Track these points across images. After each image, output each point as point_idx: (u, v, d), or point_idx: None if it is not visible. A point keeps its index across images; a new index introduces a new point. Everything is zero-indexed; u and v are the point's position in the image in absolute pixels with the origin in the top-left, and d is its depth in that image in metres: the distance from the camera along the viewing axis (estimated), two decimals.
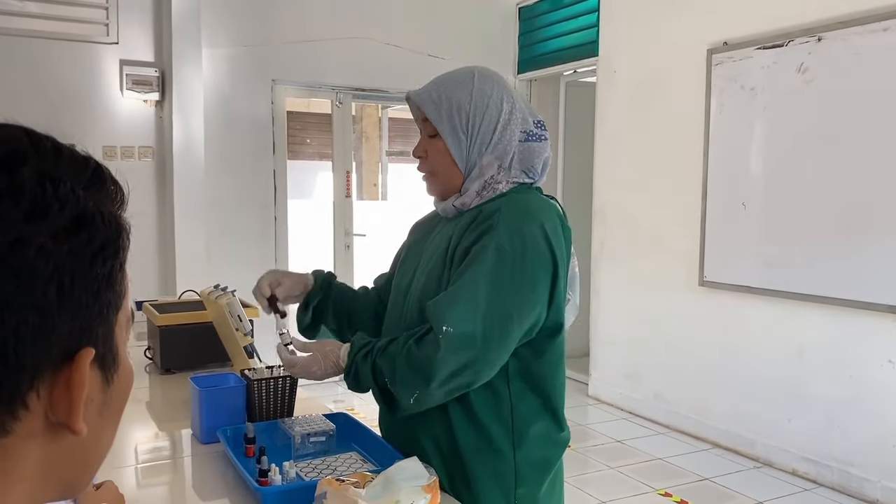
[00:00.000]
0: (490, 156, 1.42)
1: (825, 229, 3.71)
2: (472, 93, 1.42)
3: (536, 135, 1.45)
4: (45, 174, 0.44)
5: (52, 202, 0.43)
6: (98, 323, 0.47)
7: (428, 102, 1.44)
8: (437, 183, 1.49)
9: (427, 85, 1.48)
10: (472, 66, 1.50)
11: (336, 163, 5.55)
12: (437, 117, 1.43)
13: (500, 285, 1.32)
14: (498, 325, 1.32)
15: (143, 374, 2.31)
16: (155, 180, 4.79)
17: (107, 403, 0.50)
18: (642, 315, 4.90)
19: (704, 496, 3.67)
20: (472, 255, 1.35)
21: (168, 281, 4.71)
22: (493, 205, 1.41)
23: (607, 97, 5.15)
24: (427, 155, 1.48)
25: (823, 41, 3.69)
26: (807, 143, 3.79)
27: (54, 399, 0.45)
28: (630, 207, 4.98)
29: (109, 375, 0.49)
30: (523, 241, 1.34)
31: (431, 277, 1.44)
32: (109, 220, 0.47)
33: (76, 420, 0.45)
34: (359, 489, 1.21)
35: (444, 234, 1.48)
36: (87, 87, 4.58)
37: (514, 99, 1.45)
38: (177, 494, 1.56)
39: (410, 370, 1.33)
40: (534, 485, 1.44)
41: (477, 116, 1.41)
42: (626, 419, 4.86)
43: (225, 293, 2.03)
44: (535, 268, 1.35)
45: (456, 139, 1.42)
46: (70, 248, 0.43)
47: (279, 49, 5.11)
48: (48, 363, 0.44)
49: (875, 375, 3.56)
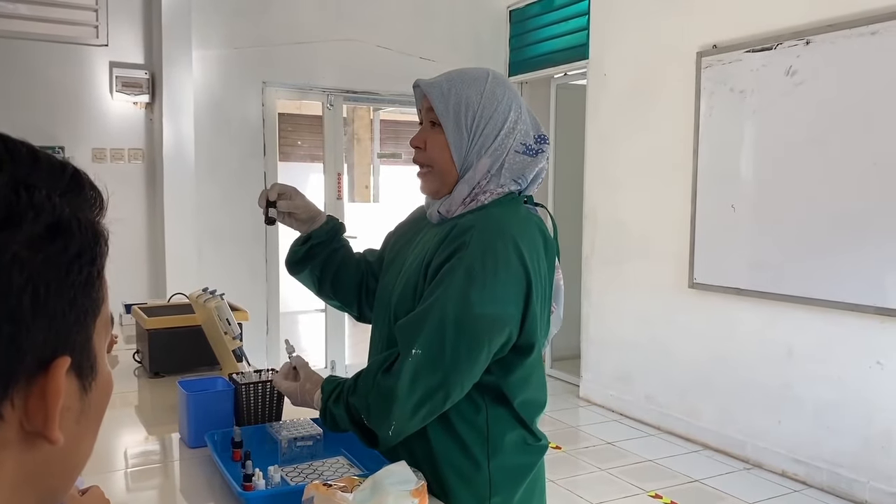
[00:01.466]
0: (486, 159, 1.40)
1: (814, 231, 3.73)
2: (483, 93, 1.40)
3: (533, 149, 1.42)
4: (20, 181, 0.43)
5: (27, 210, 0.43)
6: (75, 331, 0.46)
7: (436, 93, 1.41)
8: (431, 178, 1.46)
9: (439, 76, 1.45)
10: (488, 68, 1.49)
11: (327, 165, 5.55)
12: (444, 109, 1.40)
13: (468, 306, 1.29)
14: (465, 346, 1.29)
15: (131, 377, 2.30)
16: (145, 183, 4.77)
17: (84, 412, 0.49)
18: (633, 317, 4.91)
19: (695, 498, 3.68)
20: (442, 274, 1.33)
21: (158, 284, 4.70)
22: (467, 220, 1.37)
23: (598, 100, 5.17)
24: (426, 146, 1.45)
25: (812, 44, 3.71)
26: (796, 145, 3.80)
27: (29, 408, 0.44)
28: (620, 209, 4.99)
29: (87, 383, 0.49)
30: (495, 259, 1.30)
31: (408, 287, 1.43)
32: (86, 226, 0.46)
33: (52, 429, 0.45)
34: (346, 493, 1.21)
35: (424, 244, 1.46)
36: (76, 89, 4.56)
37: (521, 109, 1.43)
38: (166, 499, 1.55)
39: (382, 402, 1.32)
40: (509, 493, 1.42)
41: (483, 117, 1.39)
42: (616, 421, 4.87)
43: (214, 296, 2.02)
44: (507, 286, 1.31)
45: (458, 135, 1.40)
46: (45, 256, 0.43)
47: (270, 51, 5.11)
48: (22, 372, 0.43)
49: (864, 377, 3.58)
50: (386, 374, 1.33)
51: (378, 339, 1.55)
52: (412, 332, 1.32)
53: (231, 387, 1.72)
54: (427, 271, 1.38)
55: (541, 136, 1.44)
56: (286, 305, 5.49)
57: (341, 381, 1.44)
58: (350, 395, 1.38)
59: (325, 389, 1.44)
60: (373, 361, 1.40)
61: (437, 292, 1.32)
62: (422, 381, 1.30)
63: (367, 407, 1.35)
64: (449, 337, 1.29)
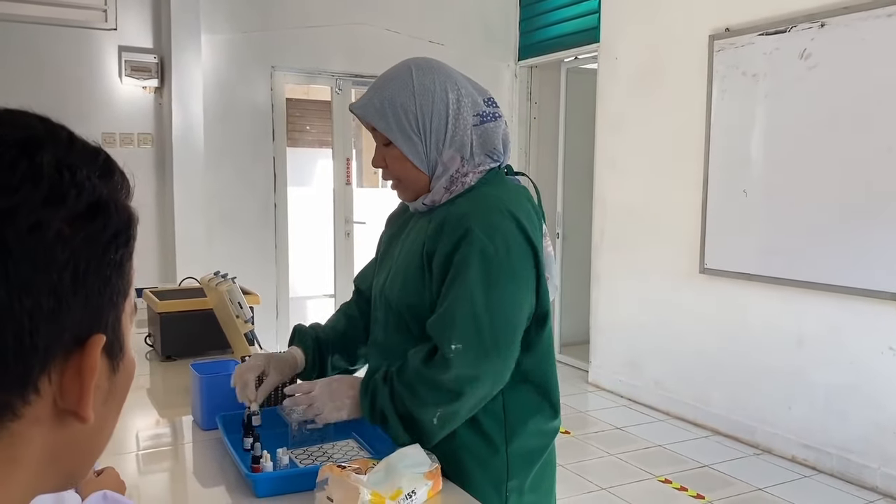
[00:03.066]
0: (450, 150, 1.37)
1: (826, 216, 3.70)
2: (414, 91, 1.36)
3: (490, 114, 1.40)
4: (62, 162, 0.45)
5: (70, 188, 0.44)
6: (108, 310, 0.47)
7: (372, 113, 1.38)
8: (405, 189, 1.45)
9: (367, 93, 1.42)
10: (408, 59, 1.44)
11: (336, 150, 5.53)
12: (386, 126, 1.37)
13: (493, 290, 1.30)
14: (502, 329, 1.31)
15: (143, 361, 2.31)
16: (154, 167, 4.77)
17: (112, 392, 0.50)
18: (643, 302, 4.90)
19: (704, 483, 3.68)
20: (457, 265, 1.32)
21: (168, 268, 4.71)
22: (460, 206, 1.37)
23: (608, 84, 5.13)
24: (386, 164, 1.43)
25: (826, 27, 3.66)
26: (809, 130, 3.77)
27: (64, 384, 0.45)
28: (631, 194, 4.97)
29: (116, 364, 0.50)
30: (504, 238, 1.31)
31: (410, 278, 1.41)
32: (121, 209, 0.48)
33: (86, 406, 0.46)
34: (360, 475, 1.21)
35: (417, 232, 1.45)
36: (85, 73, 4.55)
37: (458, 85, 1.39)
38: (178, 481, 1.56)
39: (431, 391, 1.31)
40: (524, 475, 1.43)
41: (425, 114, 1.36)
42: (626, 406, 4.87)
43: (225, 280, 2.02)
44: (521, 263, 1.33)
45: (410, 143, 1.37)
46: (86, 234, 0.44)
47: (278, 35, 5.08)
48: (60, 347, 0.44)
49: (875, 362, 3.56)
50: (429, 366, 1.32)
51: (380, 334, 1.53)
52: (446, 328, 1.30)
53: None
54: (430, 260, 1.37)
55: (489, 99, 1.42)
56: (295, 290, 5.49)
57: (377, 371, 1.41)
58: (396, 380, 1.36)
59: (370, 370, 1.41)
60: (410, 356, 1.37)
61: (457, 284, 1.31)
62: (468, 371, 1.29)
63: (413, 394, 1.33)
64: (484, 325, 1.29)
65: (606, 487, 3.60)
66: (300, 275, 6.14)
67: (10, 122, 0.45)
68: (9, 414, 0.43)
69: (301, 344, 1.63)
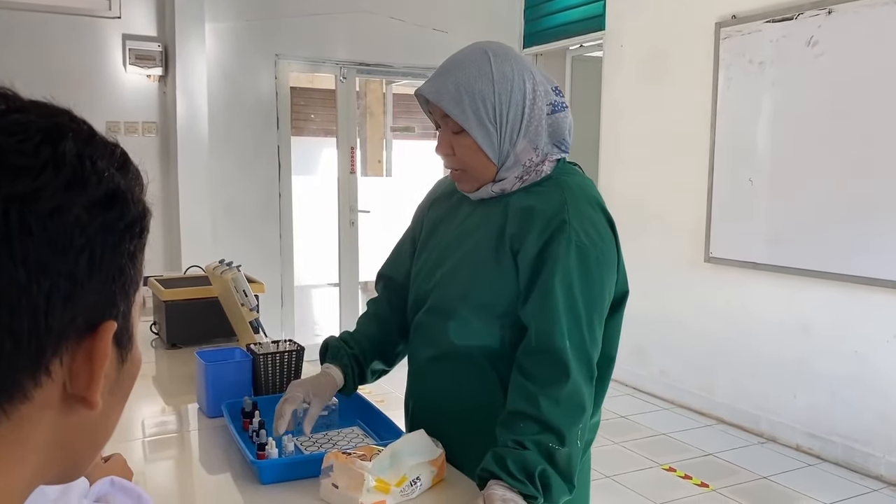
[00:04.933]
0: (523, 141, 1.33)
1: (832, 205, 3.68)
2: (494, 80, 1.30)
3: (559, 104, 1.36)
4: (83, 151, 0.46)
5: (91, 175, 0.45)
6: (120, 299, 0.48)
7: (447, 99, 1.31)
8: (469, 178, 1.39)
9: (437, 77, 1.34)
10: (480, 43, 1.37)
11: (340, 139, 5.53)
12: (462, 114, 1.31)
13: (591, 284, 1.31)
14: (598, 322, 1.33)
15: (149, 348, 2.32)
16: (159, 156, 4.77)
17: (119, 382, 0.51)
18: (648, 291, 4.88)
19: (708, 471, 3.68)
20: (555, 261, 1.29)
21: (173, 256, 4.72)
22: (553, 195, 1.33)
23: (614, 72, 5.11)
24: (454, 152, 1.36)
25: (834, 14, 3.63)
26: (815, 118, 3.75)
27: (75, 369, 0.46)
28: (636, 183, 4.95)
29: (124, 354, 0.51)
30: (598, 231, 1.32)
31: (479, 266, 1.37)
32: (137, 201, 0.49)
33: (94, 392, 0.46)
34: (365, 462, 1.21)
35: (486, 219, 1.40)
36: (89, 61, 4.55)
37: (532, 73, 1.35)
38: (183, 468, 1.57)
39: (565, 413, 1.25)
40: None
41: (503, 105, 1.31)
42: (630, 395, 4.87)
43: (230, 268, 2.02)
44: (610, 253, 1.35)
45: (486, 133, 1.32)
46: (103, 221, 0.45)
47: (282, 23, 5.07)
48: (74, 332, 0.45)
49: (880, 352, 3.56)
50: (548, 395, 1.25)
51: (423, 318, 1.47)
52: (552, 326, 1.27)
53: (249, 357, 1.72)
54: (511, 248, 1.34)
55: (556, 88, 1.39)
56: (300, 279, 5.49)
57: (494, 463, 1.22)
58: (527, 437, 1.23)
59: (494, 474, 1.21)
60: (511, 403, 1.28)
61: (555, 280, 1.28)
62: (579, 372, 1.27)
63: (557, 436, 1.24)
64: (585, 321, 1.29)
65: (611, 476, 3.61)
66: (305, 264, 6.14)
67: (36, 111, 0.47)
68: (20, 396, 0.44)
69: (336, 361, 1.54)
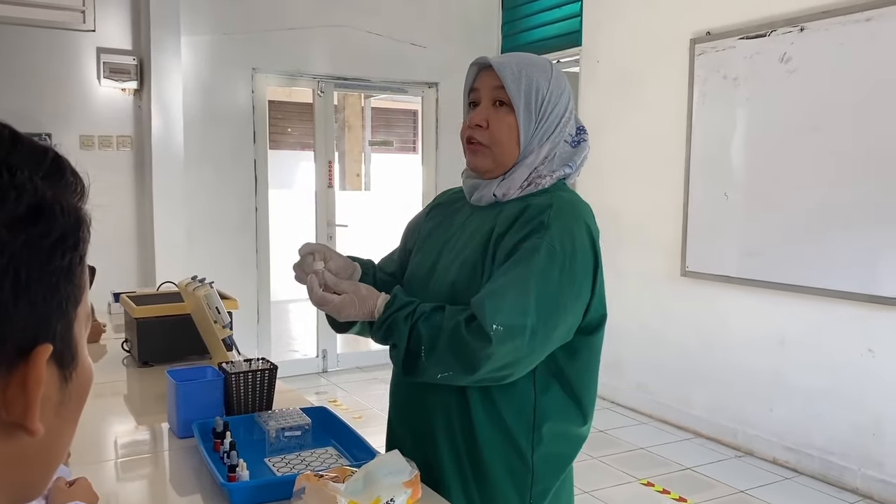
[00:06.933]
0: (547, 145, 1.41)
1: (806, 219, 3.72)
2: (551, 80, 1.42)
3: (576, 140, 1.45)
4: (2, 162, 0.42)
5: (9, 190, 0.42)
6: (56, 318, 0.45)
7: (508, 74, 1.40)
8: (489, 156, 1.42)
9: (504, 56, 1.45)
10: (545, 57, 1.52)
11: (318, 152, 5.51)
12: (516, 91, 1.39)
13: (548, 285, 1.30)
14: (544, 324, 1.29)
15: (120, 366, 2.28)
16: (133, 170, 4.72)
17: (64, 402, 0.48)
18: (624, 305, 4.90)
19: (686, 485, 3.68)
20: (523, 252, 1.32)
21: (147, 272, 4.66)
22: (542, 200, 1.38)
23: (590, 87, 5.14)
24: (489, 125, 1.42)
25: (806, 31, 3.69)
26: (789, 133, 3.79)
27: (8, 397, 0.43)
28: (612, 198, 4.97)
29: (68, 373, 0.47)
30: (573, 243, 1.33)
31: (467, 265, 1.40)
32: (69, 211, 0.45)
33: (32, 419, 0.44)
34: (338, 484, 1.19)
35: (481, 223, 1.43)
36: (63, 75, 4.50)
37: (571, 101, 1.47)
38: (156, 489, 1.53)
39: (453, 354, 1.29)
40: (550, 482, 1.42)
41: (551, 103, 1.41)
42: (608, 409, 4.87)
43: (203, 285, 2.00)
44: (582, 271, 1.35)
45: (529, 116, 1.40)
46: (27, 238, 0.42)
47: (260, 37, 5.05)
48: (3, 359, 0.42)
49: (855, 364, 3.59)
50: (468, 329, 1.27)
51: None
52: (495, 304, 1.28)
53: (220, 376, 1.70)
54: (496, 250, 1.37)
55: (581, 128, 1.48)
56: (276, 294, 5.45)
57: (414, 300, 1.37)
58: (422, 322, 1.32)
59: (399, 300, 1.36)
60: (451, 310, 1.32)
61: (518, 269, 1.31)
62: (501, 352, 1.27)
63: (433, 344, 1.30)
64: (530, 313, 1.28)
65: (589, 491, 3.60)
66: (282, 279, 6.08)
67: None
68: None
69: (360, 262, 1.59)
